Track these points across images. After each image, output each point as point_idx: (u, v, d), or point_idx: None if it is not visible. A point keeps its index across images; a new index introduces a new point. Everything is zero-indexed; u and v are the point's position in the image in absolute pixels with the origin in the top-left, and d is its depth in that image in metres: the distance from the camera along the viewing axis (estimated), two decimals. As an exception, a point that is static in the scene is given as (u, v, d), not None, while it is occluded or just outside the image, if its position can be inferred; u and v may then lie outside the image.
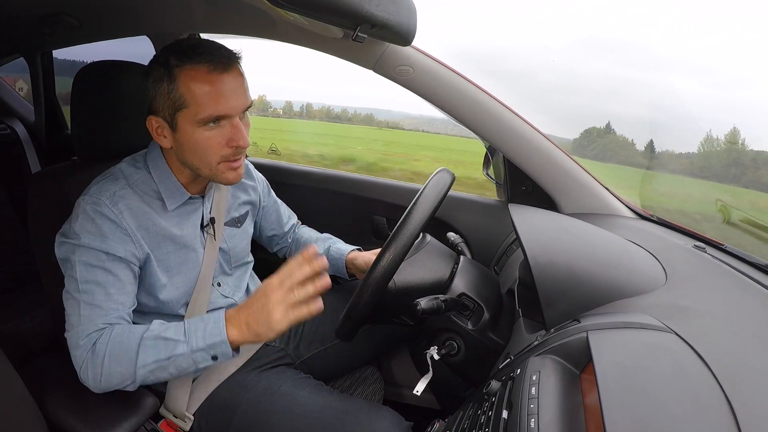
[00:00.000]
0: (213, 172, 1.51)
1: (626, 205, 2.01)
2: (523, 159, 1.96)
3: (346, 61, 1.88)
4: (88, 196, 1.48)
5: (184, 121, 1.43)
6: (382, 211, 2.61)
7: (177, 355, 1.37)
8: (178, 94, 1.40)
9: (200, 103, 1.39)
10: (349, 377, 2.07)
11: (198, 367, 1.41)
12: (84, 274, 1.43)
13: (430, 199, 1.43)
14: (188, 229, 1.64)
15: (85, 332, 1.40)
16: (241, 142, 1.46)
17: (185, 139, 1.46)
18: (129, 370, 1.37)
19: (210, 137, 1.44)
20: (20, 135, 3.36)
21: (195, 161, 1.50)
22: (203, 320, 1.41)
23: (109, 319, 1.42)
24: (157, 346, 1.37)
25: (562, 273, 1.28)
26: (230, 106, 1.43)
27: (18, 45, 3.02)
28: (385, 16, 1.32)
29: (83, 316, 1.41)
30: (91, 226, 1.44)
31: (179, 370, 1.40)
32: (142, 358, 1.36)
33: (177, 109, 1.41)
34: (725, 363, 0.86)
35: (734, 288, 1.29)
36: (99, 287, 1.43)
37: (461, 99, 1.88)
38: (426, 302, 1.36)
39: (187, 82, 1.39)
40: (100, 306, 1.42)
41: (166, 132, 1.49)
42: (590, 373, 0.88)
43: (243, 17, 1.87)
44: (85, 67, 1.70)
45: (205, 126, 1.43)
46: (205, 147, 1.45)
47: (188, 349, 1.37)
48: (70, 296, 1.45)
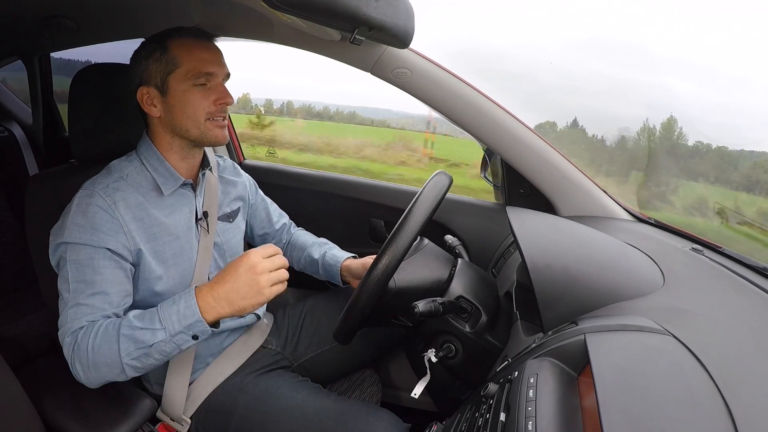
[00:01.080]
0: (201, 130, 1.60)
1: (624, 207, 2.01)
2: (521, 162, 1.96)
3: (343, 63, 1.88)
4: (81, 190, 1.52)
5: (176, 81, 1.55)
6: (380, 214, 2.60)
7: (158, 341, 1.38)
8: (171, 57, 1.54)
9: (190, 62, 1.55)
10: (346, 380, 2.07)
11: (182, 348, 1.42)
12: (74, 273, 1.44)
13: (427, 202, 1.43)
14: (182, 221, 1.66)
15: (70, 329, 1.41)
16: (228, 99, 1.61)
17: (176, 100, 1.57)
18: (114, 361, 1.37)
19: (199, 94, 1.57)
20: (18, 137, 3.36)
21: (185, 121, 1.59)
22: (174, 302, 1.41)
23: (94, 317, 1.43)
24: (134, 336, 1.37)
25: (559, 276, 1.28)
26: (216, 67, 1.59)
27: (16, 48, 3.02)
28: (383, 19, 1.32)
29: (69, 314, 1.43)
30: (81, 219, 1.46)
31: (165, 354, 1.41)
32: (124, 348, 1.37)
33: (169, 71, 1.55)
34: (722, 365, 0.86)
35: (732, 290, 1.29)
36: (87, 286, 1.44)
37: (459, 102, 1.88)
38: (424, 305, 1.36)
39: (178, 48, 1.55)
40: (86, 304, 1.43)
41: (156, 100, 1.59)
42: (588, 375, 0.88)
43: (241, 20, 1.88)
44: (83, 70, 1.71)
45: (194, 85, 1.56)
46: (194, 103, 1.57)
47: (167, 335, 1.38)
48: (61, 296, 1.47)
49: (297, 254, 2.16)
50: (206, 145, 1.67)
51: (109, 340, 1.37)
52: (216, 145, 1.67)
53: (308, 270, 2.14)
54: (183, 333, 1.38)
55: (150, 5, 1.95)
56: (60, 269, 1.48)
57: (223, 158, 2.01)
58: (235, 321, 1.80)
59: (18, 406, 1.37)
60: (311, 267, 2.12)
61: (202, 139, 1.61)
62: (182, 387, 1.66)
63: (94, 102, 1.69)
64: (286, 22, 1.59)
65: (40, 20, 2.19)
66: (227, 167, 1.99)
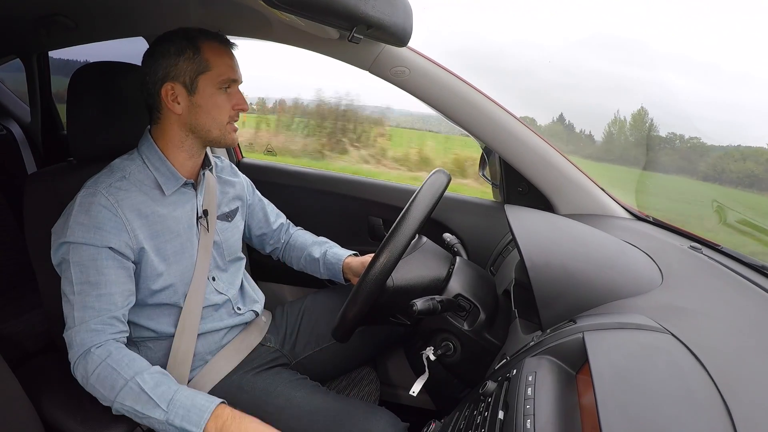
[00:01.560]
0: (222, 132, 1.66)
1: (622, 205, 2.01)
2: (519, 160, 1.96)
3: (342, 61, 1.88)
4: (84, 189, 1.53)
5: (206, 83, 1.59)
6: (378, 212, 2.60)
7: (152, 417, 1.39)
8: (203, 59, 1.58)
9: (221, 67, 1.60)
10: (345, 378, 2.07)
11: None
12: (78, 274, 1.45)
13: (426, 200, 1.43)
14: (184, 219, 1.67)
15: (77, 334, 1.43)
16: (244, 105, 1.68)
17: (204, 100, 1.60)
18: (109, 397, 1.41)
19: (223, 98, 1.63)
20: (16, 136, 3.36)
21: (208, 122, 1.63)
22: (192, 399, 1.42)
23: (102, 320, 1.45)
24: (139, 398, 1.39)
25: (558, 274, 1.28)
26: (238, 75, 1.66)
27: (14, 46, 3.02)
28: (381, 17, 1.32)
29: (77, 318, 1.44)
30: (84, 218, 1.47)
31: (150, 425, 1.43)
32: (122, 396, 1.40)
33: (200, 72, 1.58)
34: (721, 363, 0.86)
35: (730, 289, 1.29)
36: (91, 287, 1.45)
37: (457, 100, 1.88)
38: (422, 303, 1.36)
39: (210, 51, 1.59)
40: (92, 307, 1.45)
41: (181, 97, 1.60)
42: (586, 373, 0.88)
43: (239, 18, 1.88)
44: (82, 68, 1.70)
45: (221, 89, 1.61)
46: (220, 107, 1.62)
47: (165, 418, 1.38)
48: (66, 298, 1.47)
49: (297, 254, 2.16)
50: (220, 146, 1.75)
51: (114, 382, 1.40)
52: (229, 146, 1.77)
53: (308, 269, 2.15)
54: (177, 429, 1.38)
55: (148, 4, 1.95)
56: (63, 271, 1.49)
57: (221, 158, 2.02)
58: (233, 318, 1.80)
59: (16, 404, 1.37)
60: (312, 266, 2.12)
61: (220, 140, 1.66)
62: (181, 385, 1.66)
63: (93, 100, 1.69)
64: (285, 20, 1.60)
65: (39, 19, 2.19)
66: (225, 167, 1.99)
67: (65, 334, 1.45)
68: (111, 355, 1.42)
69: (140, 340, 1.68)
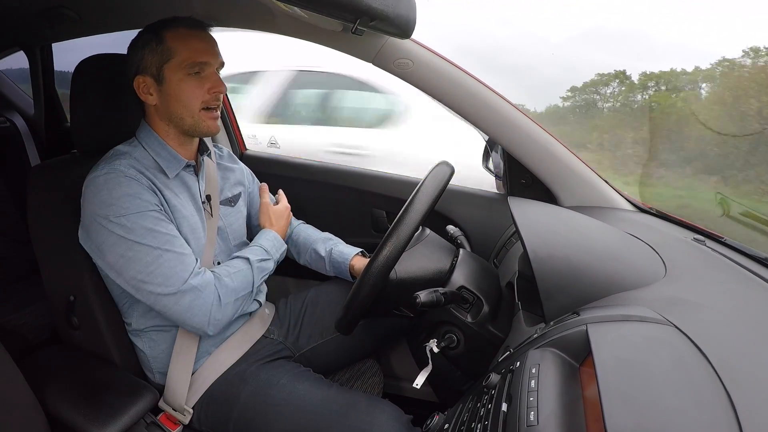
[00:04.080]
0: (195, 120, 1.65)
1: (626, 198, 2.01)
2: (523, 152, 1.96)
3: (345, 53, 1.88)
4: (100, 172, 1.52)
5: (171, 70, 1.59)
6: (382, 204, 2.60)
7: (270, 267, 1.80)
8: (166, 48, 1.58)
9: (185, 52, 1.59)
10: (348, 370, 2.08)
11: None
12: (150, 237, 1.49)
13: (429, 192, 1.43)
14: (189, 203, 1.69)
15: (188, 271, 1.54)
16: (221, 88, 1.65)
17: (171, 89, 1.61)
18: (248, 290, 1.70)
19: (193, 83, 1.61)
20: (20, 128, 3.36)
21: (179, 109, 1.63)
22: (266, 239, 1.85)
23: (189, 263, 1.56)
24: (261, 267, 1.74)
25: (561, 266, 1.28)
26: (210, 57, 1.63)
27: (17, 39, 3.01)
28: (385, 9, 1.32)
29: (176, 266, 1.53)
30: (124, 196, 1.48)
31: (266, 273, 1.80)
32: (257, 278, 1.72)
33: (165, 61, 1.59)
34: (725, 356, 0.86)
35: (734, 281, 1.29)
36: (170, 239, 1.53)
37: (460, 92, 1.88)
38: (425, 295, 1.36)
39: (173, 38, 1.59)
40: (174, 257, 1.53)
41: (152, 89, 1.63)
42: (590, 366, 0.88)
43: (243, 10, 1.87)
44: (85, 60, 1.71)
45: (189, 74, 1.60)
46: (189, 92, 1.61)
47: (274, 263, 1.83)
48: (149, 261, 1.49)
49: (301, 249, 2.16)
50: (198, 135, 1.71)
51: (246, 275, 1.69)
52: (208, 135, 1.71)
53: (313, 266, 2.15)
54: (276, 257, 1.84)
55: (151, -4, 1.95)
56: (128, 247, 1.49)
57: (219, 147, 2.03)
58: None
59: (20, 396, 1.38)
60: (317, 263, 2.13)
61: (194, 128, 1.65)
62: (184, 377, 1.67)
63: (96, 92, 1.69)
64: (288, 12, 1.59)
65: (42, 11, 2.19)
66: (224, 155, 2.01)
67: (166, 289, 1.51)
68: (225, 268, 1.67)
69: (144, 332, 1.68)
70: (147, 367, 1.75)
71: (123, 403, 1.50)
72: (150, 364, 1.72)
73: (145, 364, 1.75)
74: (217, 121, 1.70)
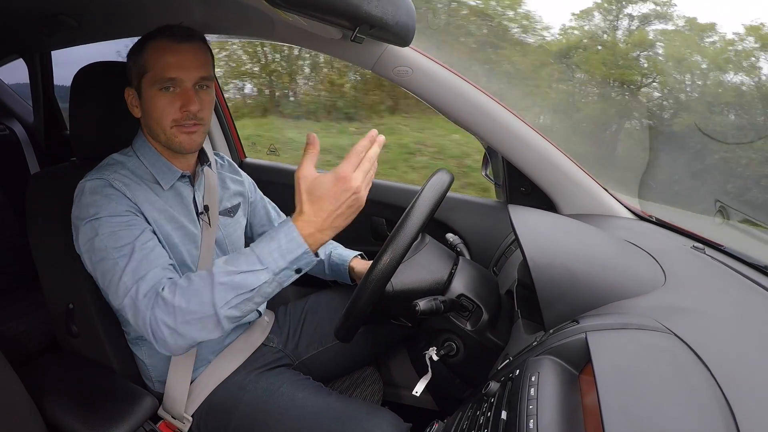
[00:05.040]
0: (168, 136, 1.59)
1: (625, 206, 2.01)
2: (522, 160, 1.96)
3: (345, 61, 1.89)
4: (88, 179, 1.52)
5: (146, 84, 1.55)
6: (381, 212, 2.60)
7: (262, 283, 1.31)
8: (143, 61, 1.55)
9: (157, 67, 1.53)
10: (348, 378, 2.08)
11: (283, 286, 1.36)
12: (113, 241, 1.43)
13: (428, 200, 1.43)
14: (184, 213, 1.67)
15: (141, 291, 1.37)
16: (192, 107, 1.55)
17: (147, 104, 1.57)
18: (208, 314, 1.31)
19: (164, 100, 1.55)
20: (19, 136, 3.37)
21: (153, 125, 1.59)
22: (272, 238, 1.32)
23: (158, 271, 1.42)
24: (234, 282, 1.30)
25: (561, 274, 1.28)
26: (182, 72, 1.54)
27: (17, 46, 3.02)
28: (384, 17, 1.32)
29: (127, 274, 1.39)
30: (101, 200, 1.46)
31: (266, 296, 1.36)
32: (220, 297, 1.30)
33: (142, 74, 1.56)
34: (724, 364, 0.86)
35: (733, 289, 1.29)
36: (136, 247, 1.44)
37: (459, 100, 1.88)
38: (425, 303, 1.36)
39: (150, 51, 1.54)
40: (144, 262, 1.42)
41: (135, 101, 1.62)
42: (589, 374, 0.88)
43: (242, 18, 1.88)
44: (84, 68, 1.71)
45: (160, 90, 1.54)
46: (159, 109, 1.55)
47: (271, 274, 1.31)
48: (108, 268, 1.42)
49: None
50: (175, 151, 1.65)
51: (200, 293, 1.31)
52: (182, 152, 1.65)
53: (312, 270, 2.14)
54: (287, 269, 1.32)
55: (151, 4, 1.95)
56: (96, 250, 1.44)
57: (221, 155, 2.03)
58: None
59: (19, 404, 1.38)
60: (316, 267, 2.10)
61: (168, 144, 1.61)
62: (183, 385, 1.67)
63: (96, 100, 1.70)
64: (288, 20, 1.59)
65: (41, 18, 2.20)
66: (225, 165, 2.01)
67: (123, 303, 1.39)
68: (177, 282, 1.36)
69: (142, 340, 1.69)
70: (146, 375, 1.75)
71: (122, 411, 1.50)
72: (149, 372, 1.72)
73: (144, 372, 1.75)
74: (191, 137, 1.61)
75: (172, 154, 1.67)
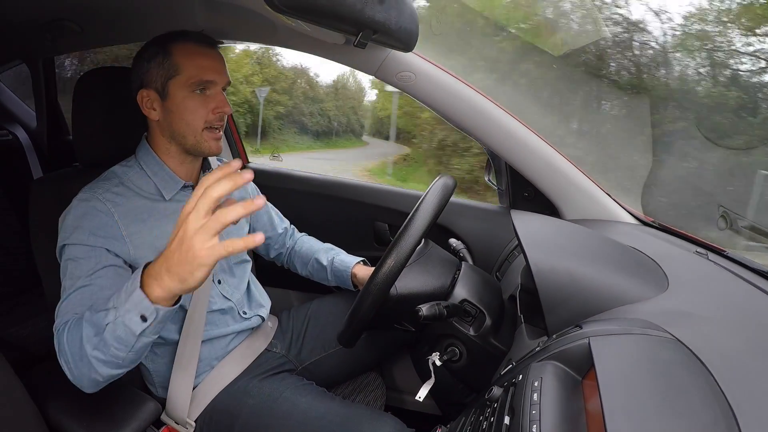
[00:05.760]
0: (197, 139, 1.61)
1: (628, 211, 2.01)
2: (525, 165, 1.96)
3: (348, 66, 1.89)
4: (80, 194, 1.53)
5: (176, 87, 1.56)
6: (384, 217, 2.60)
7: (108, 322, 1.18)
8: (172, 63, 1.54)
9: (191, 69, 1.55)
10: (351, 383, 2.08)
11: (136, 333, 1.18)
12: (71, 269, 1.43)
13: (431, 206, 1.43)
14: None
15: (56, 327, 1.33)
16: (226, 108, 1.61)
17: (175, 106, 1.57)
18: (80, 352, 1.23)
19: (198, 102, 1.57)
20: (22, 141, 3.37)
21: (182, 127, 1.59)
22: (130, 279, 1.19)
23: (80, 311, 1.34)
24: (92, 320, 1.22)
25: (564, 279, 1.28)
26: (216, 75, 1.59)
27: (20, 51, 3.03)
28: (387, 22, 1.33)
29: (61, 309, 1.37)
30: (80, 221, 1.46)
31: (120, 341, 1.20)
32: (86, 334, 1.22)
33: (170, 77, 1.55)
34: (727, 369, 0.86)
35: (736, 294, 1.29)
36: (78, 280, 1.40)
37: (463, 105, 1.88)
38: (428, 308, 1.36)
39: (180, 53, 1.55)
40: (73, 297, 1.39)
41: (155, 104, 1.59)
42: (592, 379, 0.88)
43: (245, 24, 1.88)
44: (87, 73, 1.71)
45: (194, 92, 1.56)
46: (193, 110, 1.57)
47: (115, 314, 1.17)
48: (63, 286, 1.43)
49: (303, 260, 2.17)
50: (199, 155, 1.68)
51: (77, 329, 1.25)
52: (209, 156, 1.68)
53: (315, 276, 2.15)
54: (131, 312, 1.16)
55: (154, 9, 1.96)
56: (62, 269, 1.46)
57: (225, 162, 2.02)
58: (239, 324, 1.81)
59: (22, 409, 1.38)
60: (319, 273, 2.13)
61: (196, 148, 1.62)
62: (186, 390, 1.67)
63: (99, 105, 1.70)
64: (290, 25, 1.59)
65: (44, 23, 2.20)
66: None
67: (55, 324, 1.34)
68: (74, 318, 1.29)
69: None
70: (149, 380, 1.75)
71: (125, 416, 1.50)
72: (152, 377, 1.72)
73: (147, 377, 1.74)
74: (220, 142, 1.67)
75: (180, 161, 1.67)
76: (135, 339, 1.20)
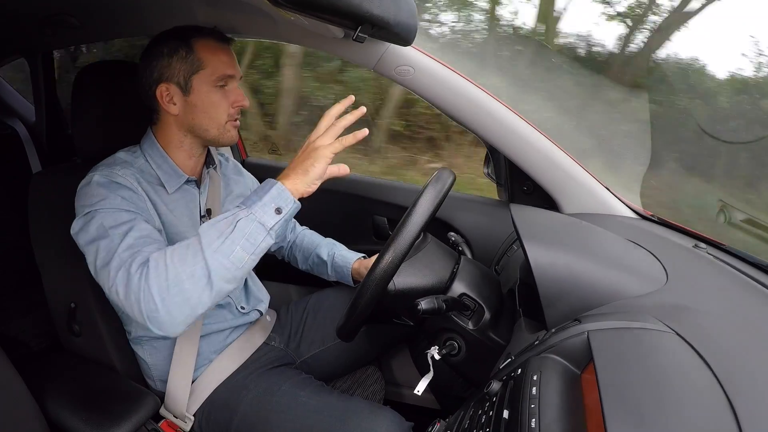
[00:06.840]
0: (221, 131, 1.64)
1: (627, 204, 2.01)
2: (524, 159, 1.96)
3: (346, 60, 1.89)
4: (97, 172, 1.50)
5: (200, 82, 1.57)
6: (383, 211, 2.60)
7: (239, 219, 1.28)
8: (196, 58, 1.56)
9: (215, 64, 1.58)
10: (349, 377, 2.08)
11: (268, 227, 1.31)
12: (112, 220, 1.38)
13: (430, 199, 1.43)
14: (186, 217, 1.67)
15: (137, 259, 1.31)
16: (245, 102, 1.66)
17: (199, 100, 1.59)
18: (199, 269, 1.25)
19: (219, 96, 1.60)
20: (21, 135, 3.36)
21: (205, 121, 1.62)
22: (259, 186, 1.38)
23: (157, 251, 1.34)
24: (217, 227, 1.28)
25: (562, 273, 1.28)
26: (236, 71, 1.64)
27: (19, 46, 3.02)
28: (386, 16, 1.32)
29: (123, 248, 1.34)
30: (106, 192, 1.43)
31: (249, 238, 1.28)
32: (206, 242, 1.26)
33: (194, 71, 1.57)
34: (726, 363, 0.86)
35: (735, 288, 1.29)
36: (131, 226, 1.39)
37: (461, 99, 1.88)
38: (427, 302, 1.36)
39: (203, 49, 1.57)
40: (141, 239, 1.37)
41: (176, 98, 1.59)
42: (591, 373, 0.88)
43: (244, 17, 1.88)
44: (87, 67, 1.71)
45: (216, 86, 1.59)
46: (217, 104, 1.60)
47: (248, 212, 1.29)
48: (103, 246, 1.36)
49: (304, 254, 2.17)
50: (219, 145, 1.70)
51: (187, 248, 1.29)
52: (229, 145, 1.71)
53: (315, 270, 2.14)
54: (267, 205, 1.32)
55: (153, 3, 1.95)
56: (93, 230, 1.39)
57: (225, 156, 2.02)
58: (237, 318, 1.81)
59: (21, 403, 1.38)
60: (319, 268, 2.13)
61: (219, 138, 1.64)
62: (185, 384, 1.67)
63: (98, 99, 1.70)
64: (290, 19, 1.60)
65: (44, 18, 2.19)
66: (230, 166, 2.00)
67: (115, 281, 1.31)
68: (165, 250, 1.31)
69: (144, 340, 1.69)
70: (148, 374, 1.75)
71: (124, 410, 1.50)
72: (150, 371, 1.73)
73: (145, 371, 1.75)
74: (237, 132, 1.70)
75: (190, 155, 1.68)
76: (265, 234, 1.32)
